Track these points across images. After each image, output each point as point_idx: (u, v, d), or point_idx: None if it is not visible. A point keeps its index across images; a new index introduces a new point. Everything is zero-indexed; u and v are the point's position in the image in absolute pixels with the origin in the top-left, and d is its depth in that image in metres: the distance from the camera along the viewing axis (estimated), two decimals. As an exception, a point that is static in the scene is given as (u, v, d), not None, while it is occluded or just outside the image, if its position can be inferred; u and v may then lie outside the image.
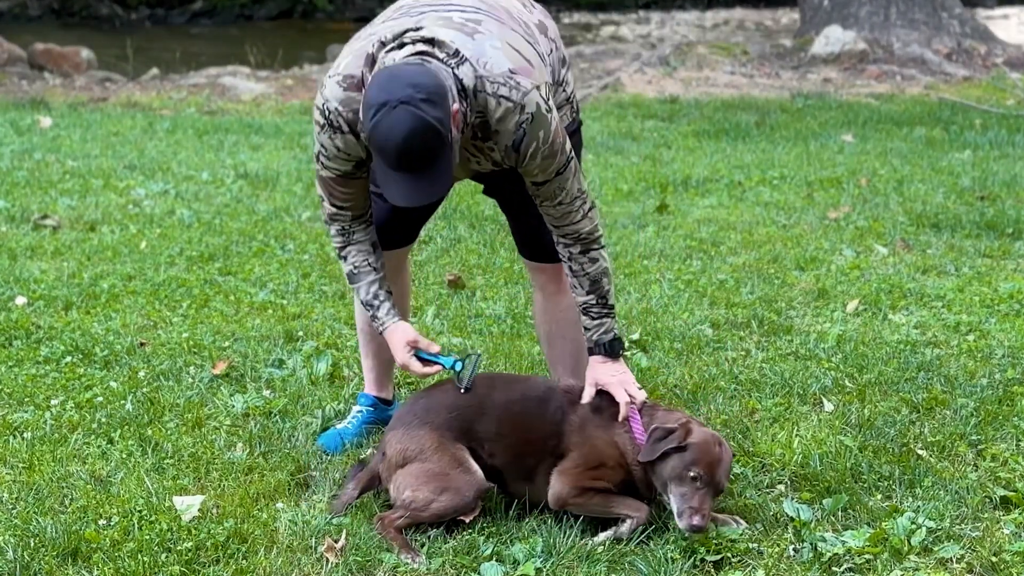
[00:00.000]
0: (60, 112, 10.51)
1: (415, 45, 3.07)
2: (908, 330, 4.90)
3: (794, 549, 3.18)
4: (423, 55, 3.05)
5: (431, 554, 3.13)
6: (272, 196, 7.34)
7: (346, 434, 3.81)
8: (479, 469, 3.29)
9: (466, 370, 3.37)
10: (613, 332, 3.46)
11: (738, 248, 6.21)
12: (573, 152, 3.27)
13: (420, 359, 3.37)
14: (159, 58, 14.84)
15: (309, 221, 6.73)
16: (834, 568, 3.09)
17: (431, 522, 3.23)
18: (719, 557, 3.13)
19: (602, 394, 3.38)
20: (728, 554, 3.14)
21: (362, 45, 3.19)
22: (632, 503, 3.24)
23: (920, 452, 3.72)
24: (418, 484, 3.24)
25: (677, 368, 4.47)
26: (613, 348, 3.44)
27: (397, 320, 3.42)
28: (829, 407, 4.09)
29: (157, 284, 5.46)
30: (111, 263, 5.81)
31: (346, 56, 3.20)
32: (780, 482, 3.56)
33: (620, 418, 3.31)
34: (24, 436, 3.84)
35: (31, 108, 10.65)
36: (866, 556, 3.12)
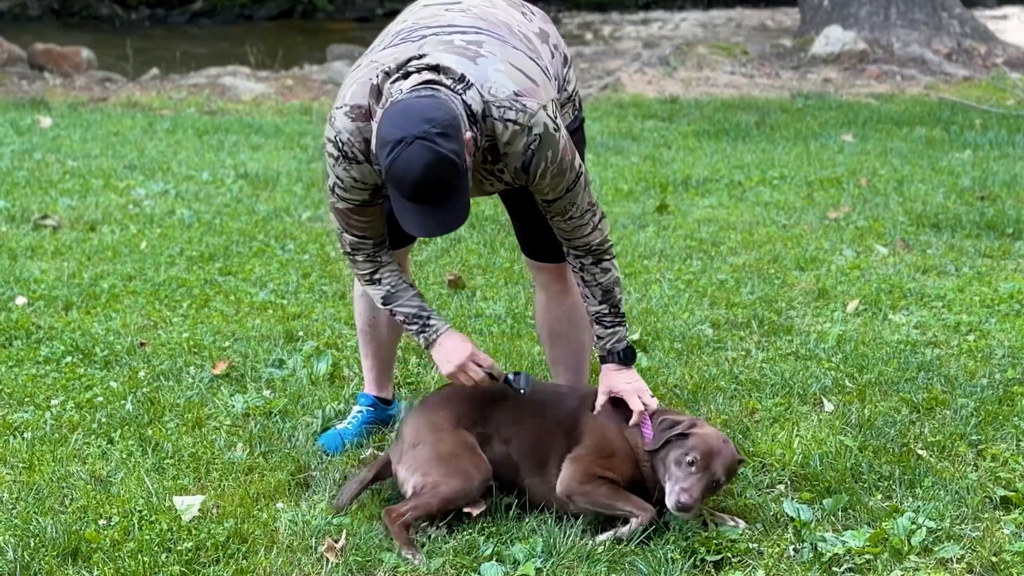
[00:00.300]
0: (60, 112, 10.51)
1: (420, 74, 3.03)
2: (908, 330, 4.90)
3: (794, 549, 3.18)
4: (430, 84, 3.00)
5: (431, 554, 3.14)
6: (272, 196, 7.34)
7: (346, 434, 3.82)
8: (486, 458, 3.34)
9: (520, 380, 3.42)
10: (626, 340, 3.50)
11: (738, 248, 6.21)
12: (582, 166, 3.28)
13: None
14: (159, 58, 14.82)
15: (309, 221, 6.73)
16: (834, 568, 3.09)
17: (439, 510, 3.25)
18: (719, 557, 3.13)
19: (616, 401, 3.43)
20: (728, 554, 3.15)
21: (365, 73, 3.15)
22: (638, 502, 3.25)
23: (920, 452, 3.72)
24: (428, 467, 3.29)
25: (677, 368, 4.47)
26: (627, 356, 3.48)
27: (449, 325, 3.44)
28: (829, 407, 4.09)
29: (157, 284, 5.46)
30: (111, 263, 5.81)
31: (350, 85, 3.16)
32: (780, 482, 3.56)
33: (632, 423, 3.36)
34: (24, 436, 3.84)
35: (31, 108, 10.64)
36: (866, 556, 3.12)
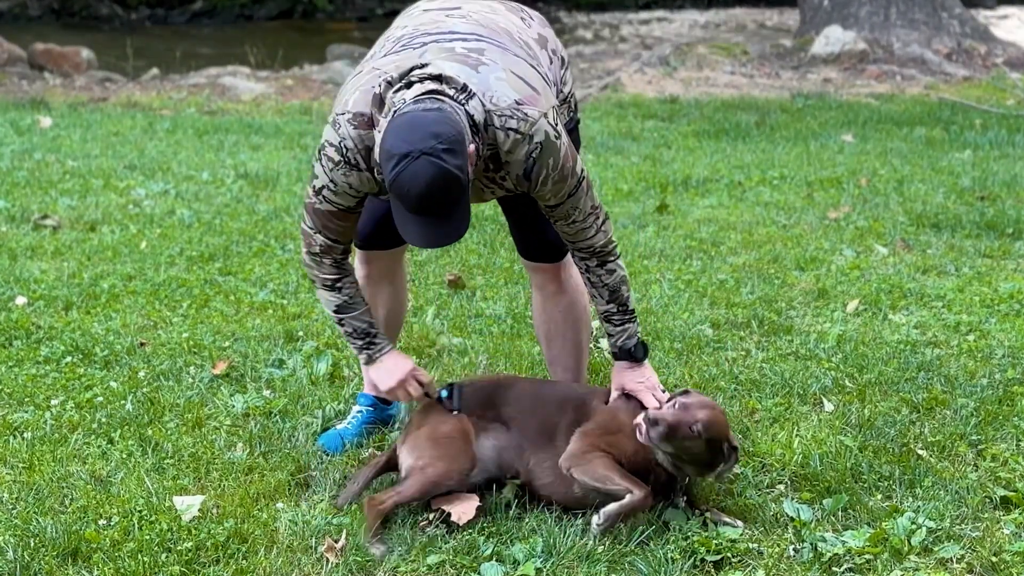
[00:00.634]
0: (60, 112, 10.51)
1: (423, 83, 3.03)
2: (908, 330, 4.90)
3: (794, 549, 3.18)
4: (433, 94, 3.00)
5: (431, 552, 3.13)
6: (272, 196, 7.34)
7: (346, 434, 3.82)
8: (476, 455, 3.37)
9: (453, 400, 3.46)
10: (637, 336, 3.50)
11: (738, 248, 6.21)
12: (584, 171, 3.28)
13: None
14: (159, 58, 14.82)
15: (309, 221, 6.72)
16: (834, 568, 3.09)
17: (422, 493, 3.27)
18: (719, 557, 3.13)
19: (628, 398, 3.46)
20: (728, 554, 3.15)
21: (367, 80, 3.14)
22: (635, 480, 3.22)
23: (920, 452, 3.72)
24: (423, 449, 3.34)
25: (677, 368, 4.47)
26: (638, 352, 3.49)
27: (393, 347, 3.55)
28: (829, 407, 4.09)
29: (157, 284, 5.46)
30: (111, 263, 5.81)
31: (352, 92, 3.15)
32: (780, 482, 3.56)
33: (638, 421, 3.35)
34: (24, 436, 3.84)
35: (31, 108, 10.64)
36: (866, 556, 3.12)
